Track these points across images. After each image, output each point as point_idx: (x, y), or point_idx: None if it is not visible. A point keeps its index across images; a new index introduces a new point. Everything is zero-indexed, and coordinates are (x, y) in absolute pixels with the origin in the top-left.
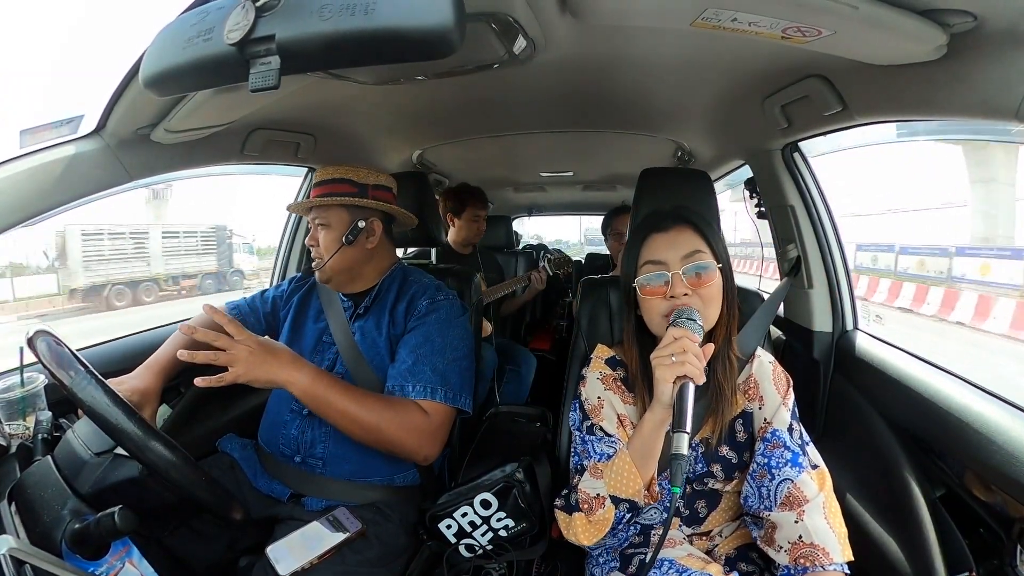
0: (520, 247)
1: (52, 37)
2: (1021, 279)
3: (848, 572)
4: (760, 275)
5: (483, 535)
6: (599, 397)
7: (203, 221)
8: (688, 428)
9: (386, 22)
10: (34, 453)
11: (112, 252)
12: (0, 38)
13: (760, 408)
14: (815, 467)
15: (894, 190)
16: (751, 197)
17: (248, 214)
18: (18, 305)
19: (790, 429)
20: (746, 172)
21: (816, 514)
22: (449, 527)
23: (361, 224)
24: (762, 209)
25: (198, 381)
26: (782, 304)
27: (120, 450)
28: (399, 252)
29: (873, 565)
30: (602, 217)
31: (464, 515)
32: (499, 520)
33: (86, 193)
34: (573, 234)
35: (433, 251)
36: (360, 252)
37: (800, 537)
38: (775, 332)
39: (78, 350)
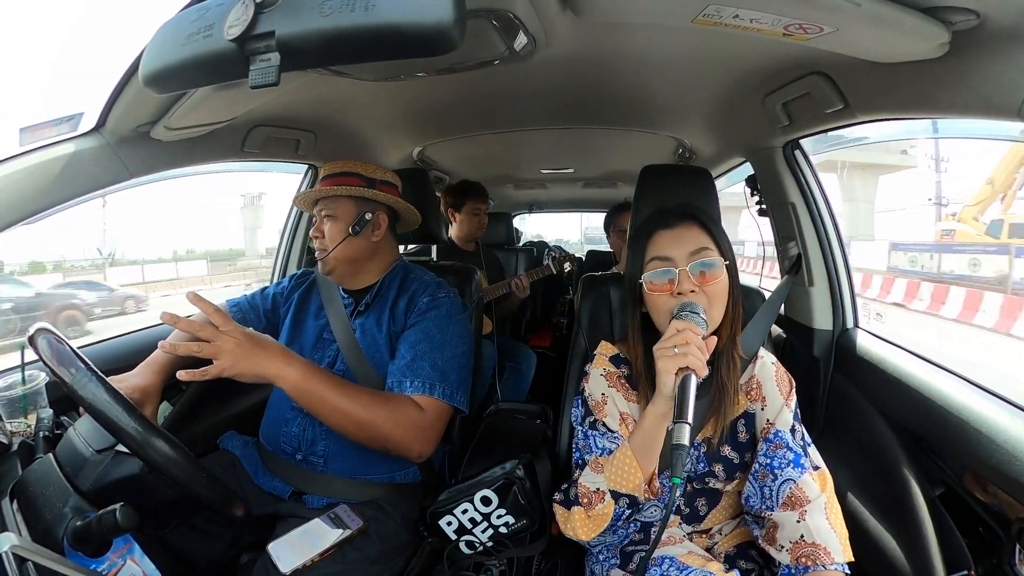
0: (520, 244)
1: (52, 36)
2: None
3: (848, 572)
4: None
5: (483, 532)
6: (603, 394)
7: None
8: (690, 419)
9: (386, 18)
10: (35, 451)
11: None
12: (0, 37)
13: (763, 409)
14: (816, 468)
15: None
16: (752, 194)
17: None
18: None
19: (792, 430)
20: (727, 176)
21: (818, 514)
22: (450, 524)
23: (368, 216)
24: (763, 206)
25: (180, 374)
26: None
27: (121, 447)
28: (399, 249)
29: (872, 563)
30: (602, 215)
31: (464, 512)
32: (499, 517)
33: (86, 191)
34: (574, 233)
35: (434, 248)
36: (365, 244)
37: (802, 536)
38: (775, 330)
39: (80, 347)
